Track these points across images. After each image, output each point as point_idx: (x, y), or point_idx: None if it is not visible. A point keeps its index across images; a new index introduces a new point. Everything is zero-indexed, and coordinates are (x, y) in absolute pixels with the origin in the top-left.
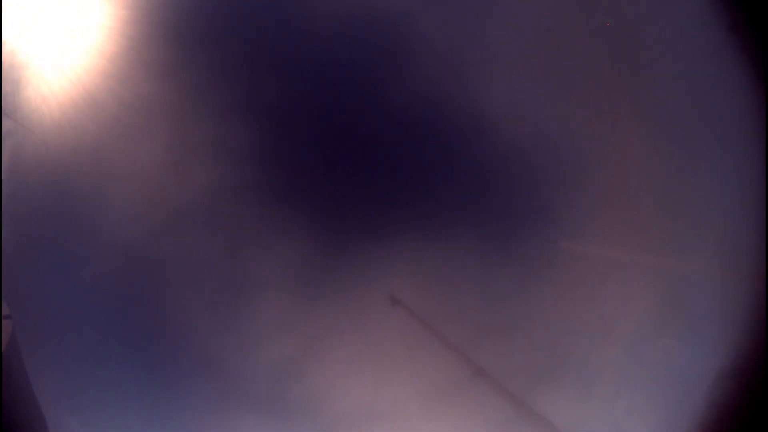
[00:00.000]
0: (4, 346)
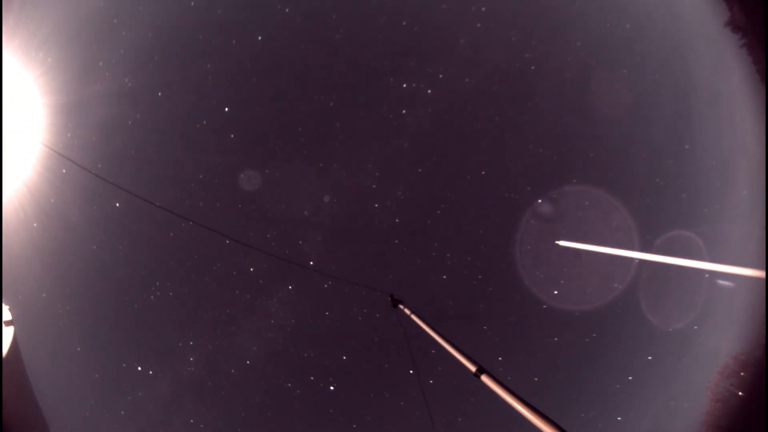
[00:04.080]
0: (5, 350)
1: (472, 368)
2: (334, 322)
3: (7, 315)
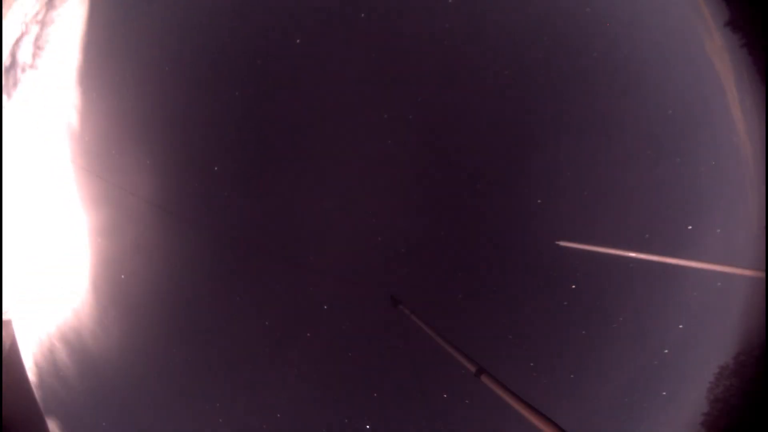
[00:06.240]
0: (4, 348)
1: (472, 368)
2: (358, 361)
3: (5, 313)
